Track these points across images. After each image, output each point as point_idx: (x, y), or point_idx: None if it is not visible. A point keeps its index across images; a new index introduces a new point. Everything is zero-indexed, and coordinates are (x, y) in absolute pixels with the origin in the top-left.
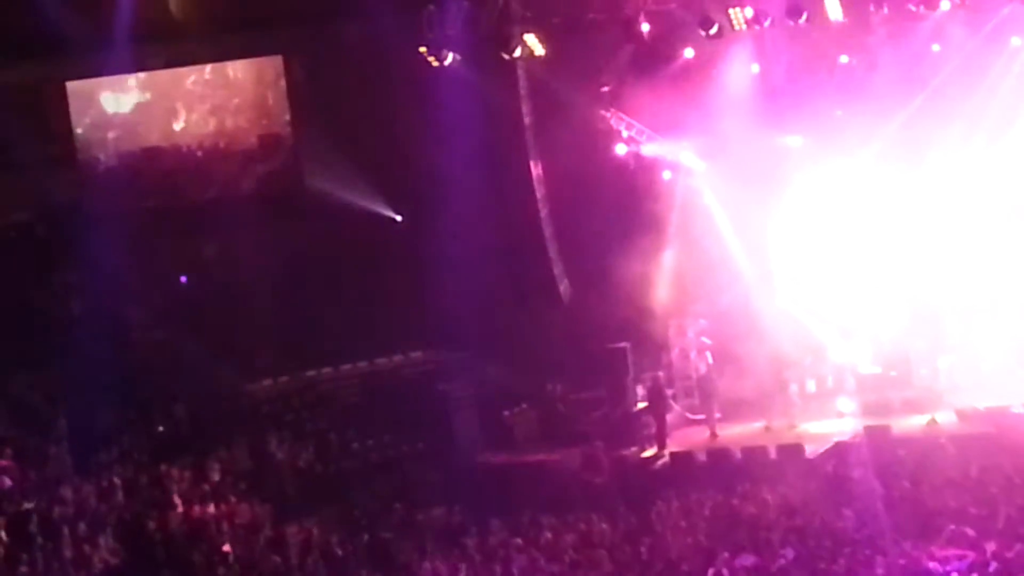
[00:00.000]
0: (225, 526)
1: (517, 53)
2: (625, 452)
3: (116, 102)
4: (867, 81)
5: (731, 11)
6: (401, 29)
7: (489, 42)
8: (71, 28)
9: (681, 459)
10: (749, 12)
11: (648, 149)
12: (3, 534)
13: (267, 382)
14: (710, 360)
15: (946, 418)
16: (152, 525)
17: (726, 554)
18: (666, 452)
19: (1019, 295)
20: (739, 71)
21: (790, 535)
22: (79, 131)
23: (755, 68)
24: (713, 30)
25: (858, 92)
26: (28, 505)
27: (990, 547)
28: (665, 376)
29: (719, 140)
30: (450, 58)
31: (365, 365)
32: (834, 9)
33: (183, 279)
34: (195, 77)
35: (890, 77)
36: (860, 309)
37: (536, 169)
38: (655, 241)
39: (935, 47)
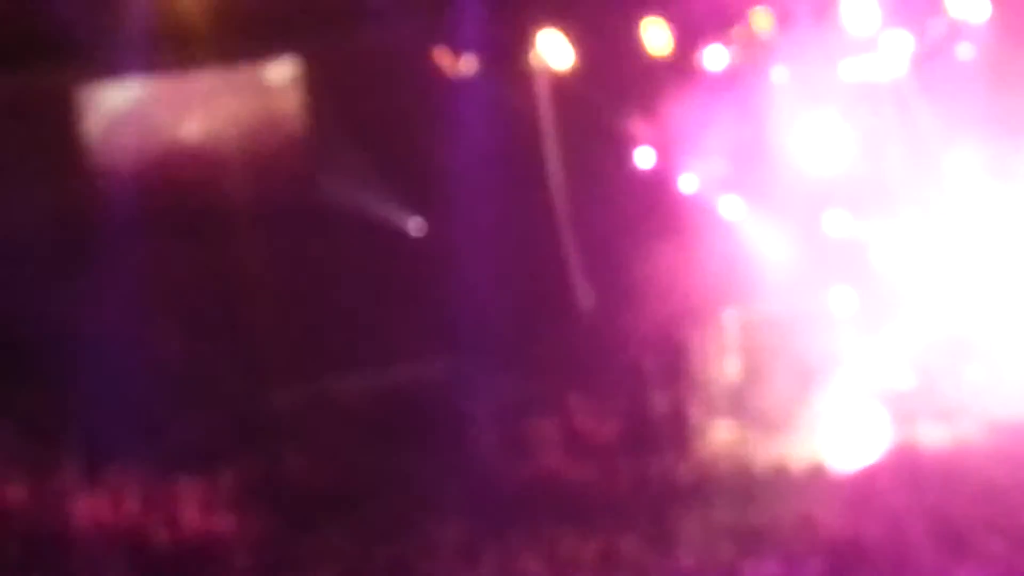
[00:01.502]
0: (238, 540)
1: (537, 58)
2: (646, 464)
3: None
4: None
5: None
6: (418, 33)
7: (508, 47)
8: (81, 32)
9: (704, 471)
10: (771, 17)
11: (670, 155)
12: (13, 548)
13: (281, 393)
14: (735, 370)
15: (974, 429)
16: (164, 538)
17: (748, 567)
18: (688, 464)
19: None
20: (762, 75)
21: (814, 548)
22: (90, 136)
23: (779, 72)
24: (737, 34)
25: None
26: (38, 519)
27: (1019, 559)
28: (688, 387)
29: (742, 145)
30: (468, 63)
31: (381, 376)
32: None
33: None
34: (206, 78)
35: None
36: (886, 318)
37: (555, 176)
38: (678, 249)
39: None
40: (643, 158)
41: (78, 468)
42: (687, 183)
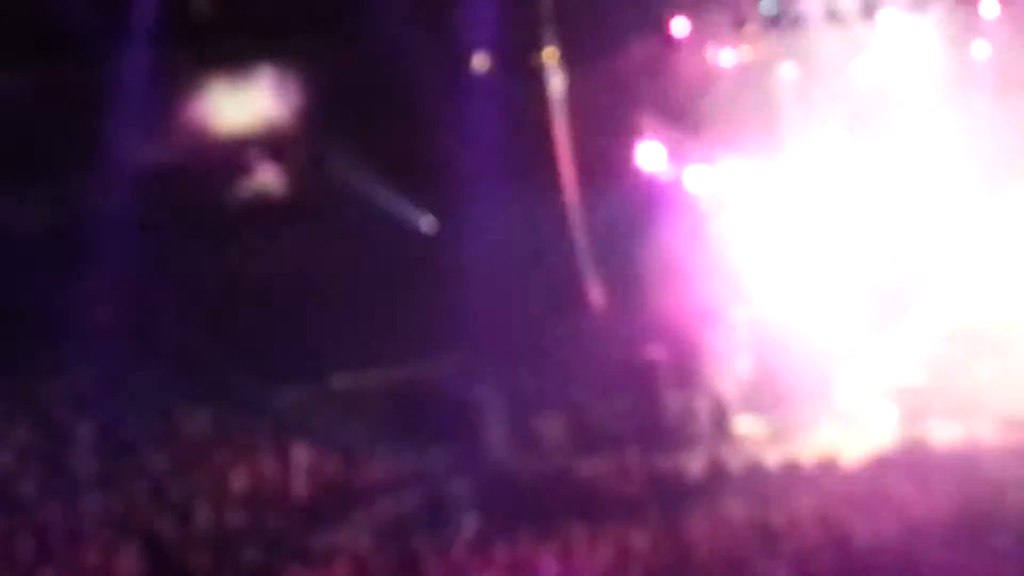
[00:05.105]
0: (250, 535)
1: (547, 58)
2: (658, 461)
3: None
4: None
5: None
6: (429, 32)
7: (519, 46)
8: (95, 28)
9: (715, 468)
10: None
11: (680, 154)
12: (26, 543)
13: (293, 389)
14: (746, 368)
15: (986, 426)
16: (176, 534)
17: (760, 565)
18: (700, 461)
19: None
20: (773, 73)
21: (826, 545)
22: (106, 131)
23: (789, 69)
24: (748, 32)
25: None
26: (51, 513)
27: None
28: (699, 384)
29: (753, 142)
30: (479, 62)
31: (392, 372)
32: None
33: None
34: (220, 77)
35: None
36: (898, 316)
37: (566, 174)
38: (689, 246)
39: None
40: (656, 156)
41: (90, 462)
42: (699, 180)
